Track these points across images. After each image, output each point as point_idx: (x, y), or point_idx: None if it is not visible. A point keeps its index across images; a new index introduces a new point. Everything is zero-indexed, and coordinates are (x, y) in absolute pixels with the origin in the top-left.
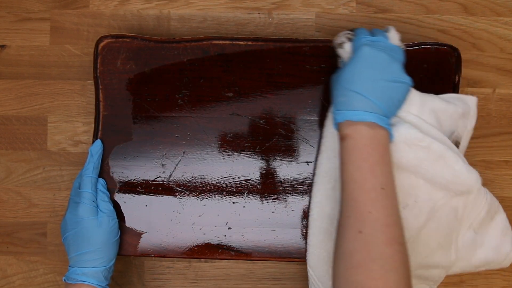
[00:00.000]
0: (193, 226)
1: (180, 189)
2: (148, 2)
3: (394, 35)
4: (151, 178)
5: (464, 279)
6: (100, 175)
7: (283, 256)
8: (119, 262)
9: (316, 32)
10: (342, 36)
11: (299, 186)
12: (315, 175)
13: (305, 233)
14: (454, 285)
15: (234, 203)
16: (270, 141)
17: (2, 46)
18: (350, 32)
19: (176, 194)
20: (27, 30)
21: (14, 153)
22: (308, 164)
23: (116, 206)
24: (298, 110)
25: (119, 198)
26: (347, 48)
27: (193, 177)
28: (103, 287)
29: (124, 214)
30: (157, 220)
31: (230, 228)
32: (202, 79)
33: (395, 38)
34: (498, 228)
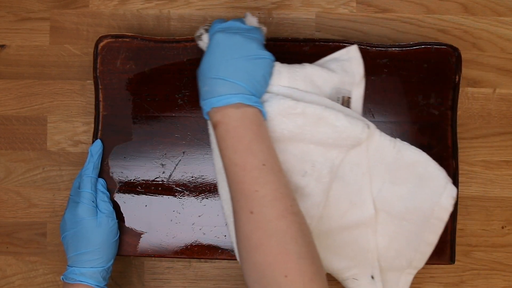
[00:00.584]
0: (193, 226)
1: (180, 189)
2: (148, 1)
3: (251, 19)
4: (151, 178)
5: (464, 279)
6: (100, 175)
7: None
8: (119, 262)
9: (316, 32)
10: (201, 28)
11: None
12: (216, 174)
13: None
14: (454, 285)
15: None
16: None
17: (2, 46)
18: (208, 24)
19: (176, 194)
20: (27, 30)
21: (13, 153)
22: None
23: (116, 206)
24: None
25: (119, 198)
26: (205, 39)
27: (193, 177)
28: (101, 287)
29: (123, 214)
30: (157, 220)
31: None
32: None
33: (252, 22)
34: (417, 173)
